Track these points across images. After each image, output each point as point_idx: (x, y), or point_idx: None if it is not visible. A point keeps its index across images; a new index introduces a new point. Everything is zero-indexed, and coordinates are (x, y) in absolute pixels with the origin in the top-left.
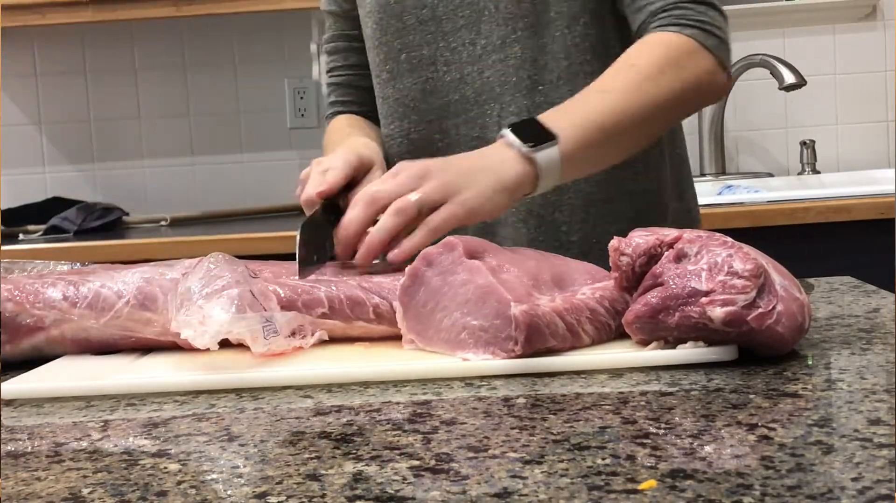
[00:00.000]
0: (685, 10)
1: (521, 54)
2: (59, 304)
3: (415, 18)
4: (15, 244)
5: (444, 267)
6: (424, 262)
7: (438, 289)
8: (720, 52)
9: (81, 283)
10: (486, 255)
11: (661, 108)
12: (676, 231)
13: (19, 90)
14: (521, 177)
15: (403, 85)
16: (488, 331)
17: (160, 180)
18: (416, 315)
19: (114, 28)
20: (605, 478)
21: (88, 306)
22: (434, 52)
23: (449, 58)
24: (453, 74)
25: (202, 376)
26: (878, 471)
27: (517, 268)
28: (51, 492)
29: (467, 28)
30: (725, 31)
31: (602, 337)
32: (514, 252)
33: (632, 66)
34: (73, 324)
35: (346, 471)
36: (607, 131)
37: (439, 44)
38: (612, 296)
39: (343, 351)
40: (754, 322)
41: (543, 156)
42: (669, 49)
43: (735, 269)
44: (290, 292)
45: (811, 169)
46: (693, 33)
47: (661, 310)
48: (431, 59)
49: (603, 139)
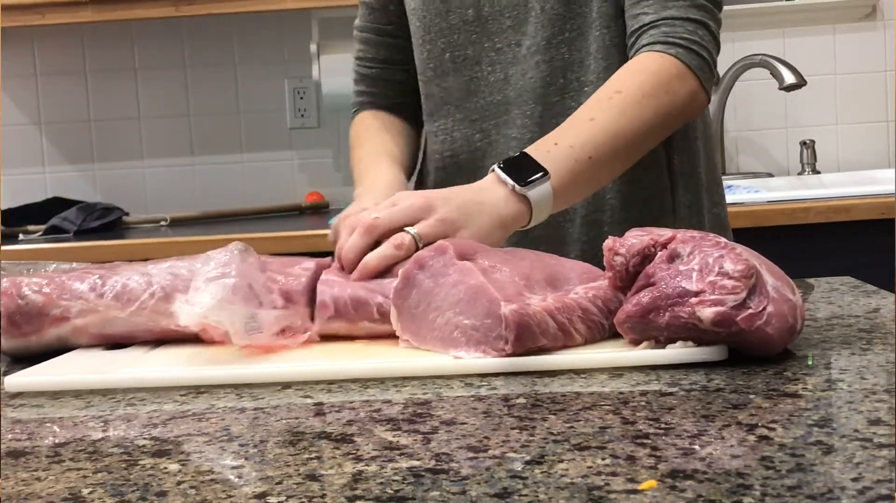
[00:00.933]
0: (675, 28)
1: (569, 56)
2: (86, 295)
3: (459, 18)
4: (15, 244)
5: (436, 269)
6: (417, 266)
7: (430, 291)
8: (703, 73)
9: (109, 276)
10: (478, 257)
11: (647, 132)
12: (671, 231)
13: (19, 90)
14: (517, 213)
15: (448, 83)
16: (479, 329)
17: (160, 180)
18: (409, 316)
19: (114, 28)
20: (605, 478)
21: (115, 297)
22: (479, 52)
23: (494, 58)
24: (497, 75)
25: (202, 371)
26: (878, 471)
27: (509, 268)
28: (51, 492)
29: (513, 29)
30: (713, 50)
31: (595, 336)
32: (508, 253)
33: (617, 91)
34: (98, 314)
35: (346, 471)
36: (595, 159)
37: (484, 44)
38: (606, 296)
39: (343, 348)
40: (744, 323)
41: (535, 193)
42: (654, 74)
43: (726, 270)
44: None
45: (811, 169)
46: (678, 52)
47: (651, 309)
48: (476, 59)
49: (592, 167)
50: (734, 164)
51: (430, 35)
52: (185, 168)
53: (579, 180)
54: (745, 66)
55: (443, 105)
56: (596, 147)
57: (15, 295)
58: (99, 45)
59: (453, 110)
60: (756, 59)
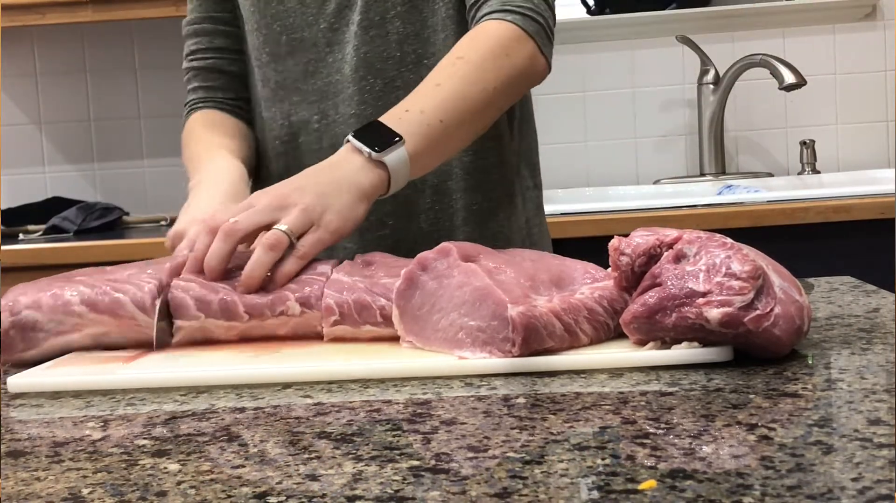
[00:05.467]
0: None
1: (403, 29)
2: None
3: (295, 1)
4: (15, 244)
5: (440, 271)
6: (419, 267)
7: (434, 292)
8: (540, 38)
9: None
10: (481, 258)
11: (492, 94)
12: (676, 231)
13: (19, 90)
14: (375, 181)
15: (285, 66)
16: (486, 331)
17: (160, 180)
18: (412, 317)
19: (114, 28)
20: (605, 478)
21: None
22: (315, 33)
23: (331, 38)
24: (336, 55)
25: (203, 372)
26: (878, 471)
27: (513, 269)
28: (51, 492)
29: (349, 7)
30: (548, 17)
31: (601, 336)
32: (509, 254)
33: (459, 58)
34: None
35: (346, 471)
36: (447, 123)
37: (320, 25)
38: (612, 296)
39: (343, 349)
40: (751, 324)
41: (392, 158)
42: (494, 39)
43: (733, 271)
44: (308, 291)
45: (811, 169)
46: (515, 19)
47: (658, 310)
48: (313, 40)
49: (444, 131)
50: (734, 164)
51: (266, 19)
52: (185, 168)
53: (433, 144)
54: (745, 65)
55: (279, 89)
56: (446, 111)
57: None
58: (99, 45)
59: (291, 94)
60: (756, 58)
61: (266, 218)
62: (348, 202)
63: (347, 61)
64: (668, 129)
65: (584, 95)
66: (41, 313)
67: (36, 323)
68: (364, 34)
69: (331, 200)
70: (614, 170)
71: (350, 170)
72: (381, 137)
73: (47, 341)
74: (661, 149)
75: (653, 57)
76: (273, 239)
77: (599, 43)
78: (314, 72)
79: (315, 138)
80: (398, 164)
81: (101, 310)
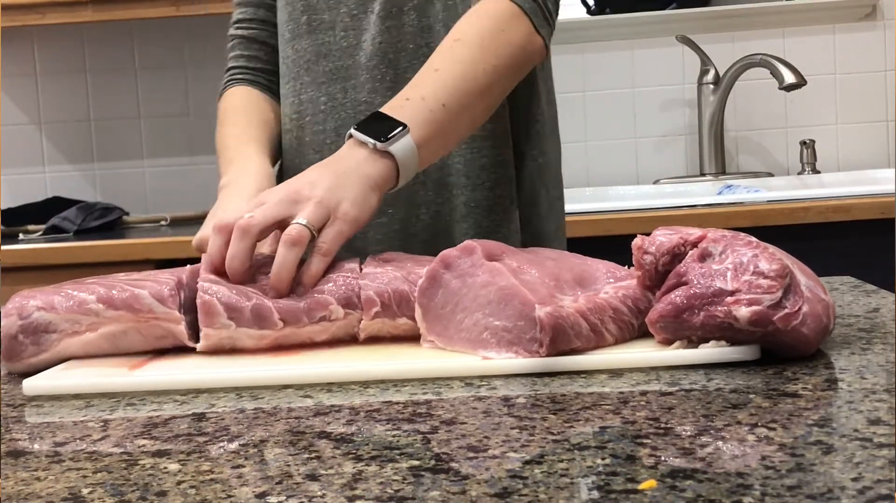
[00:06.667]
0: None
1: (418, 22)
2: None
3: None
4: (15, 244)
5: (464, 269)
6: (443, 265)
7: (458, 291)
8: (536, 16)
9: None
10: (505, 257)
11: (492, 73)
12: (700, 230)
13: (19, 90)
14: (384, 172)
15: (301, 45)
16: (512, 331)
17: (160, 180)
18: (436, 316)
19: (114, 28)
20: (605, 478)
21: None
22: (334, 17)
23: (348, 23)
24: (350, 40)
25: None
26: (878, 471)
27: (537, 269)
28: (51, 492)
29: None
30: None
31: (625, 336)
32: (531, 253)
33: (456, 40)
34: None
35: (346, 471)
36: (449, 107)
37: (340, 9)
38: (635, 295)
39: (343, 349)
40: (780, 322)
41: (398, 147)
42: (489, 18)
43: (761, 269)
44: (346, 290)
45: (811, 169)
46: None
47: (685, 309)
48: (331, 23)
49: (447, 115)
50: (734, 164)
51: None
52: (185, 168)
53: (438, 130)
54: (745, 65)
55: (294, 67)
56: (448, 95)
57: None
58: (99, 45)
59: (302, 73)
60: (756, 58)
61: (282, 212)
62: (360, 192)
63: (363, 49)
64: (668, 129)
65: (583, 95)
66: (54, 314)
67: (49, 324)
68: (381, 24)
69: (344, 192)
70: (614, 170)
71: (356, 162)
72: (384, 127)
73: (61, 342)
74: (661, 149)
75: (653, 57)
76: (295, 233)
77: (599, 43)
78: (326, 54)
79: (321, 119)
80: (405, 153)
81: (118, 306)
